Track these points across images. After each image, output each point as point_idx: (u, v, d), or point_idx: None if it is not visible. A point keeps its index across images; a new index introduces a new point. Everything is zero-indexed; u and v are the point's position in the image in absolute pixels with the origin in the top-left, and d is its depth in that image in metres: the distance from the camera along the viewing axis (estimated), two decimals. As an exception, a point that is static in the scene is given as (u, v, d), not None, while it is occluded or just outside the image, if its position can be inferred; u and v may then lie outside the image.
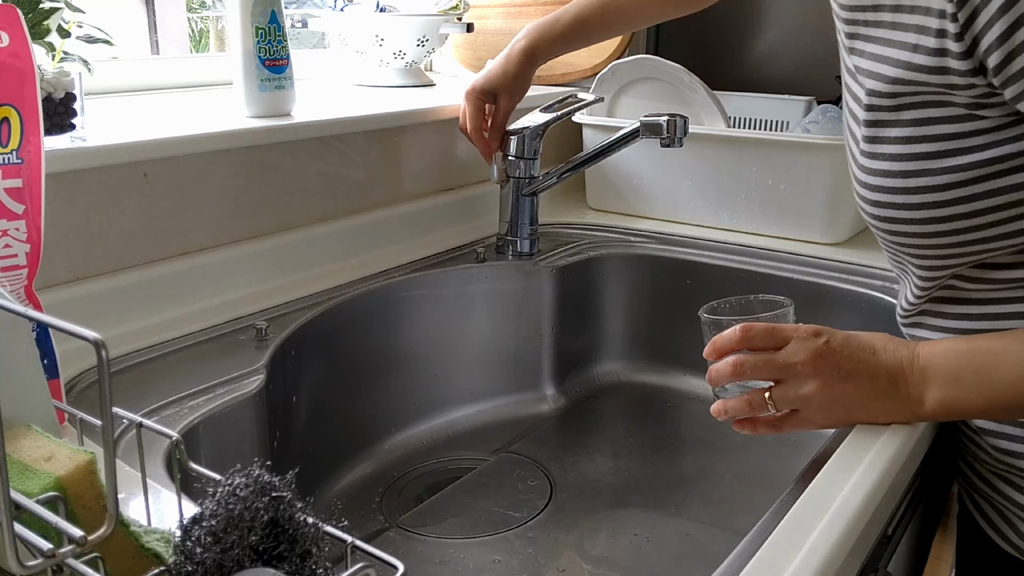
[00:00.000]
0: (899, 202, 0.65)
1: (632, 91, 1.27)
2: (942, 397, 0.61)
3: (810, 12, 1.45)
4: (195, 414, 0.68)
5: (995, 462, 0.72)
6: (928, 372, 0.61)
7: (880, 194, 0.66)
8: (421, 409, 1.05)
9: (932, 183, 0.62)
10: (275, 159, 0.95)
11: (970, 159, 0.60)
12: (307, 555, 0.37)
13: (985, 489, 0.75)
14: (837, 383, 0.61)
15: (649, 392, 1.16)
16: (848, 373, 0.61)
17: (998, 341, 0.61)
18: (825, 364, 0.61)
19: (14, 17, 0.53)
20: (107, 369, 0.32)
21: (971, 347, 0.62)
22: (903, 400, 0.62)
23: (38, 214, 0.56)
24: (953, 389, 0.60)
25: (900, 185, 0.64)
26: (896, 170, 0.64)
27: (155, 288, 0.84)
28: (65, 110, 0.77)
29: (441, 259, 1.08)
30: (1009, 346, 0.60)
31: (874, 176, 0.66)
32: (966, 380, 0.60)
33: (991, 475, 0.73)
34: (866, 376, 0.62)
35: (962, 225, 0.63)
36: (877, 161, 0.66)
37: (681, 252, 1.16)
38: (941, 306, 0.72)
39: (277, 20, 0.93)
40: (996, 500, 0.74)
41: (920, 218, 0.64)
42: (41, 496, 0.36)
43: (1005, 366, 0.59)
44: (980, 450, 0.73)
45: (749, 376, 0.64)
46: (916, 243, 0.67)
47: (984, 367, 0.60)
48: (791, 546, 0.52)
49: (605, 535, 0.88)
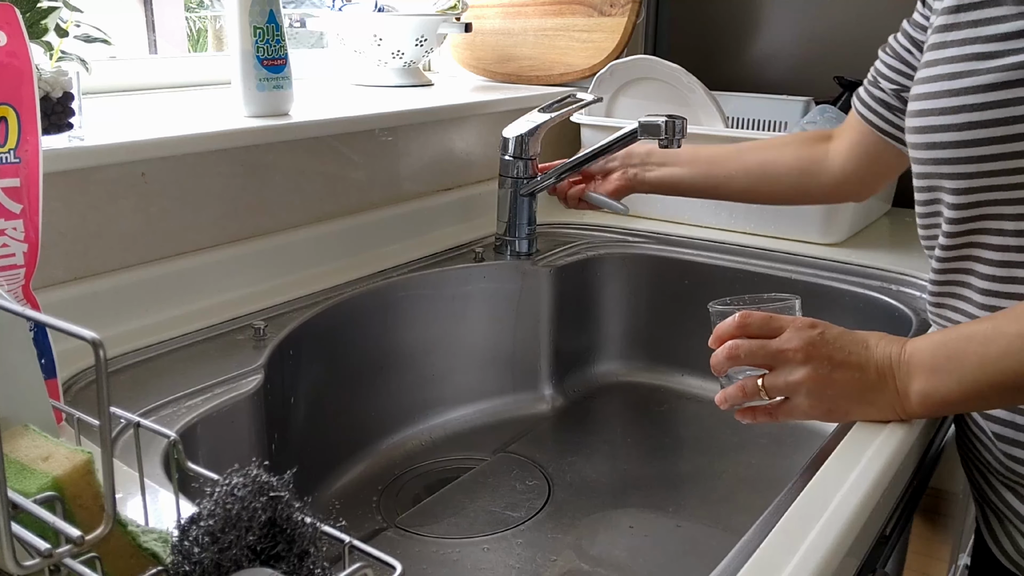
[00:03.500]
0: (940, 106, 0.66)
1: (630, 91, 1.27)
2: (921, 389, 0.61)
3: (809, 13, 1.45)
4: (193, 414, 0.68)
5: (1004, 470, 0.71)
6: (912, 365, 0.61)
7: (924, 101, 0.68)
8: (419, 409, 1.05)
9: (975, 83, 0.64)
10: (273, 159, 0.95)
11: (1013, 60, 0.62)
12: (305, 555, 0.37)
13: (992, 498, 0.74)
14: (826, 372, 0.62)
15: (647, 392, 1.16)
16: (838, 364, 0.62)
17: (973, 326, 0.61)
18: (816, 353, 0.62)
19: (12, 16, 0.53)
20: (105, 369, 0.32)
21: (948, 335, 0.62)
22: (890, 394, 0.62)
23: (36, 214, 0.56)
24: (931, 379, 0.60)
25: (944, 88, 0.66)
26: (947, 72, 0.66)
27: (153, 288, 0.84)
28: (63, 109, 0.77)
29: (439, 259, 1.08)
30: (978, 329, 0.60)
31: (925, 84, 0.68)
32: (941, 369, 0.60)
33: (999, 484, 0.73)
34: (855, 368, 0.62)
35: (998, 133, 0.63)
36: (934, 68, 0.68)
37: (680, 252, 1.16)
38: (966, 282, 0.71)
39: (275, 20, 0.93)
40: (1000, 510, 0.73)
41: (957, 123, 0.65)
42: (38, 496, 0.36)
43: (972, 348, 0.58)
44: (992, 457, 0.72)
45: (743, 360, 0.65)
46: (951, 156, 0.66)
47: (956, 354, 0.59)
48: (789, 546, 0.52)
49: (603, 535, 0.88)
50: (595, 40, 1.39)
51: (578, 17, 1.40)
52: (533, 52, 1.44)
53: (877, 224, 1.24)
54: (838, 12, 1.42)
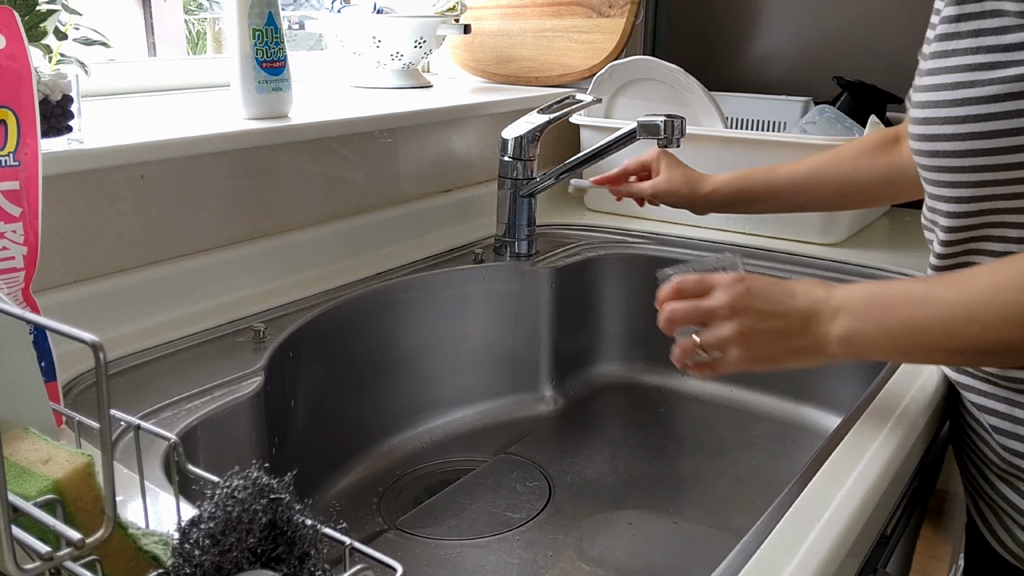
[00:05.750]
0: (944, 115, 0.66)
1: (629, 92, 1.27)
2: (844, 331, 0.62)
3: (808, 13, 1.45)
4: (193, 416, 0.68)
5: (1002, 463, 0.71)
6: (839, 309, 0.62)
7: (929, 110, 0.68)
8: (419, 410, 1.05)
9: (977, 94, 0.64)
10: (272, 161, 0.95)
11: (1015, 72, 0.62)
12: (305, 557, 0.37)
13: (989, 492, 0.74)
14: (752, 324, 0.64)
15: (647, 393, 1.16)
16: (764, 314, 0.64)
17: (909, 284, 0.63)
18: (742, 306, 0.64)
19: (11, 19, 0.53)
20: (105, 371, 0.32)
21: (883, 288, 0.63)
22: (812, 338, 0.63)
23: (35, 216, 0.56)
24: (856, 324, 0.61)
25: (948, 97, 0.66)
26: (948, 82, 0.66)
27: (153, 290, 0.84)
28: (62, 112, 0.77)
29: (439, 260, 1.08)
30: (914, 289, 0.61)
31: (928, 92, 0.68)
32: (867, 317, 0.61)
33: (996, 478, 0.73)
34: (780, 317, 0.64)
35: (1002, 144, 0.63)
36: (937, 76, 0.68)
37: (679, 253, 1.16)
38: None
39: (274, 22, 0.93)
40: (998, 504, 0.73)
41: (961, 133, 0.65)
42: (39, 499, 0.36)
43: (903, 305, 0.60)
44: (990, 450, 0.72)
45: (680, 323, 0.68)
46: (953, 164, 0.67)
47: (886, 306, 0.61)
48: (790, 546, 0.52)
49: (604, 536, 0.88)
50: (594, 41, 1.39)
51: (577, 18, 1.40)
52: (532, 53, 1.44)
53: (877, 224, 1.24)
54: (837, 12, 1.43)
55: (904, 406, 0.71)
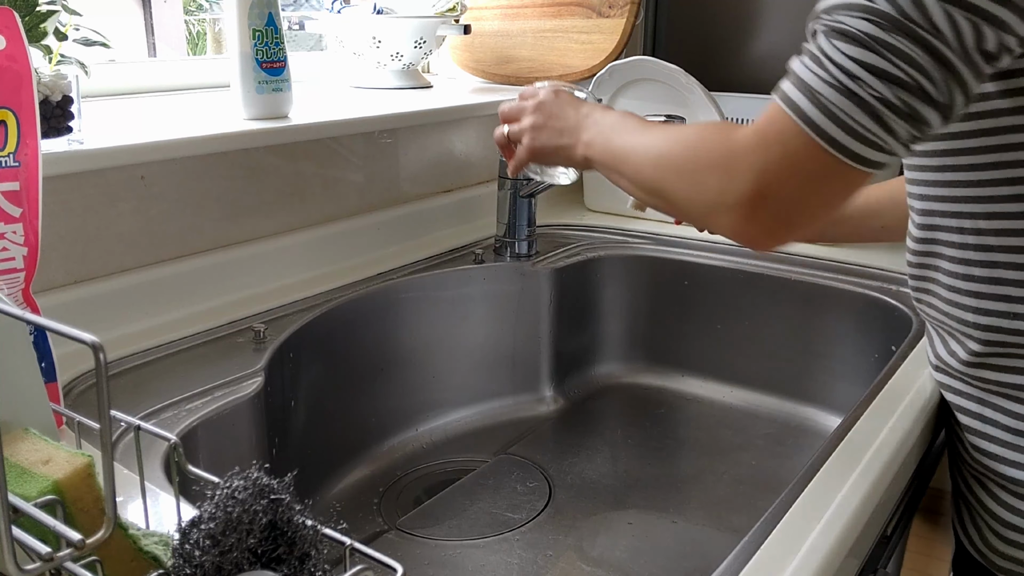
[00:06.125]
0: None
1: (629, 92, 1.27)
2: (586, 144, 0.76)
3: (807, 13, 1.45)
4: (193, 417, 0.68)
5: (974, 463, 0.72)
6: (592, 127, 0.76)
7: None
8: (420, 411, 1.05)
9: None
10: (273, 161, 0.95)
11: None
12: (306, 557, 0.37)
13: (964, 491, 0.75)
14: (542, 122, 0.81)
15: (647, 393, 1.16)
16: (552, 115, 0.80)
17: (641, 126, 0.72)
18: (541, 108, 0.81)
19: (11, 20, 0.53)
20: (105, 372, 0.32)
21: (625, 120, 0.74)
22: (571, 142, 0.78)
23: (35, 217, 0.56)
24: (593, 137, 0.75)
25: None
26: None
27: (153, 291, 0.84)
28: (62, 113, 0.77)
29: (439, 261, 1.08)
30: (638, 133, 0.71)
31: None
32: (601, 137, 0.75)
33: (970, 477, 0.74)
34: (561, 118, 0.80)
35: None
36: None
37: (679, 253, 1.16)
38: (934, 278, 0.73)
39: (274, 22, 0.93)
40: (971, 503, 0.74)
41: None
42: (39, 499, 0.36)
43: (623, 135, 0.72)
44: (964, 450, 0.73)
45: (507, 115, 0.85)
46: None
47: (614, 131, 0.73)
48: (790, 546, 0.52)
49: (604, 536, 0.88)
50: (594, 41, 1.39)
51: (577, 19, 1.40)
52: (532, 54, 1.44)
53: (876, 224, 1.24)
54: (836, 12, 1.42)
55: (904, 406, 0.71)
